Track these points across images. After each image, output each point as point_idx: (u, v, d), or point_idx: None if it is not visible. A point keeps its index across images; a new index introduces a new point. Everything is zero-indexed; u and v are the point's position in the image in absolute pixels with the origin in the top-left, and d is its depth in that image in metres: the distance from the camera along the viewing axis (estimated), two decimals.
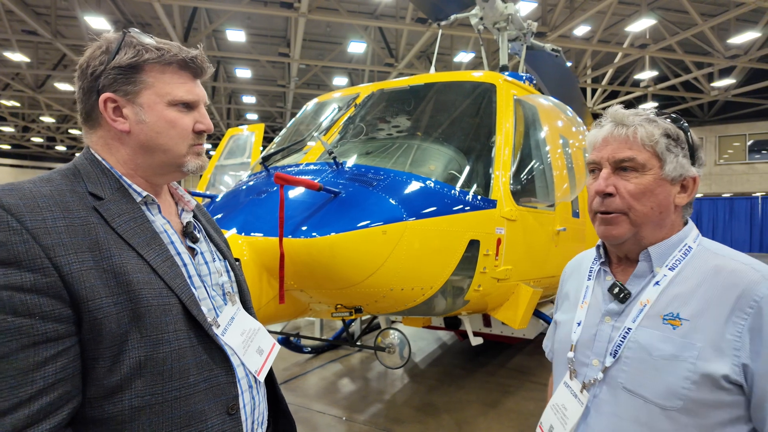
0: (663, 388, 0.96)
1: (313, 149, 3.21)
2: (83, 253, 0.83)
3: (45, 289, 0.78)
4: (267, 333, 1.17)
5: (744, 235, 19.89)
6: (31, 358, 0.76)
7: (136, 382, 0.85)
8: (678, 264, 1.05)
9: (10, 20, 13.55)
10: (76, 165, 0.97)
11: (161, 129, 0.98)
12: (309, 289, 2.55)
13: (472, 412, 4.13)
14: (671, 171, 1.05)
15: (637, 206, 1.05)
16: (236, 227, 2.49)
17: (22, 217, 0.79)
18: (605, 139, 1.09)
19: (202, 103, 1.05)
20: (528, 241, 3.39)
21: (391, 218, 2.51)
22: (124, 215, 0.93)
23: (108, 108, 0.96)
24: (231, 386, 1.00)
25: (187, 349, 0.92)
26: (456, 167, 3.17)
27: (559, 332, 1.25)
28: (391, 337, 4.01)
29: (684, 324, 0.98)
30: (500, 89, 3.51)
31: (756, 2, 10.95)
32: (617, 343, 1.05)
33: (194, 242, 1.07)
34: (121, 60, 0.95)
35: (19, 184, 0.86)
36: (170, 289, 0.92)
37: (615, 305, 1.10)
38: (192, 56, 1.01)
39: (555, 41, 12.77)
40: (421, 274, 2.69)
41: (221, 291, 1.09)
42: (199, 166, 1.06)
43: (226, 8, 12.04)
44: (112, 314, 0.83)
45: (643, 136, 1.04)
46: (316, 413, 4.11)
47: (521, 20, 5.29)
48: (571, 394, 1.12)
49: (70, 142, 32.24)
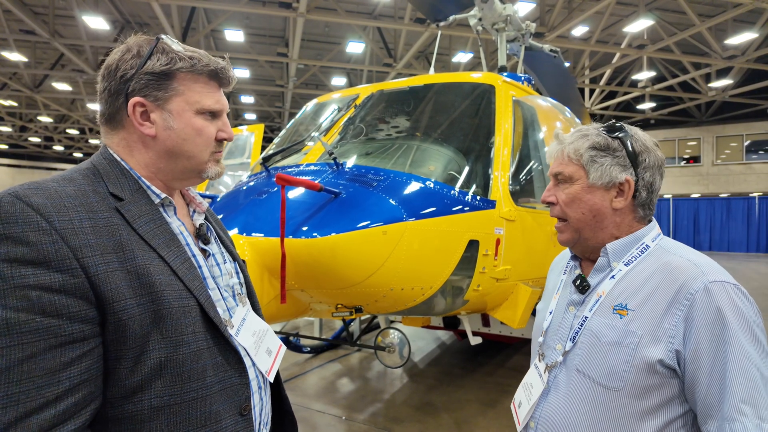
0: (606, 370, 1.08)
1: (314, 150, 3.23)
2: (108, 254, 0.84)
3: (73, 290, 0.79)
4: (274, 334, 1.18)
5: (741, 235, 19.95)
6: (58, 359, 0.76)
7: (156, 382, 0.86)
8: (634, 260, 1.16)
9: (7, 20, 13.53)
10: (95, 164, 0.96)
11: (188, 136, 0.99)
12: (310, 288, 2.57)
13: (471, 412, 4.15)
14: (597, 179, 1.17)
15: (569, 212, 1.20)
16: (237, 227, 2.50)
17: (51, 218, 0.80)
18: (551, 155, 1.27)
19: (226, 112, 1.07)
20: (527, 241, 3.41)
21: (392, 218, 2.52)
22: (144, 216, 0.94)
23: (136, 112, 0.96)
24: (244, 387, 1.01)
25: (204, 350, 0.93)
26: (455, 168, 3.19)
27: (536, 320, 1.40)
28: (391, 337, 4.02)
29: (629, 314, 1.09)
30: (499, 90, 3.53)
31: (753, 3, 11.00)
32: (575, 329, 1.18)
33: (206, 244, 1.08)
34: (154, 66, 0.95)
35: (43, 184, 0.85)
36: (189, 291, 0.93)
37: (577, 296, 1.23)
38: (221, 67, 1.02)
39: (553, 41, 12.81)
40: (421, 274, 2.70)
41: (232, 292, 1.10)
42: (217, 173, 1.08)
43: (225, 8, 12.04)
44: (136, 315, 0.84)
45: (570, 152, 1.20)
46: (316, 413, 4.13)
47: (520, 21, 5.31)
48: (537, 375, 1.25)
49: (68, 142, 32.18)
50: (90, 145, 33.51)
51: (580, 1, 12.87)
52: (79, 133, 29.69)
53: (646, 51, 14.23)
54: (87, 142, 32.48)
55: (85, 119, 25.03)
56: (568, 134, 1.25)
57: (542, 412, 1.20)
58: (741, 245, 19.92)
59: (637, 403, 1.05)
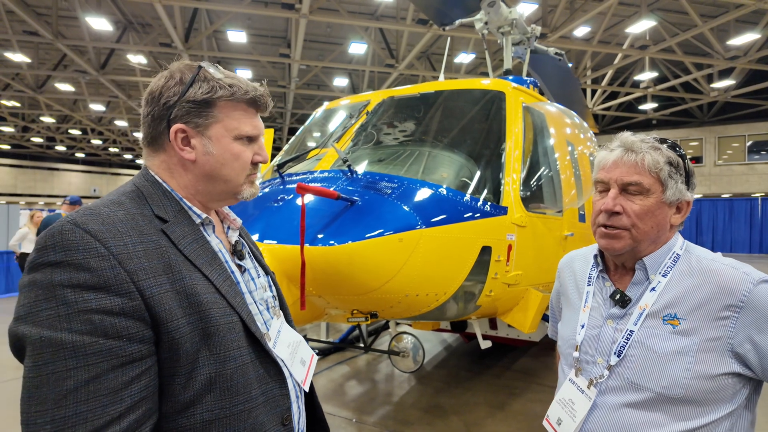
0: (667, 380, 1.10)
1: (327, 156, 3.26)
2: (160, 276, 0.88)
3: (131, 312, 0.83)
4: (306, 344, 1.22)
5: (743, 235, 19.93)
6: (120, 378, 0.80)
7: (206, 397, 0.90)
8: (669, 270, 1.19)
9: (10, 21, 13.55)
10: (138, 187, 1.00)
11: (226, 161, 1.03)
12: (327, 295, 2.60)
13: (480, 414, 4.18)
14: (671, 195, 1.18)
15: (640, 225, 1.17)
16: (257, 235, 2.53)
17: (108, 243, 0.84)
18: (615, 162, 1.20)
19: (262, 135, 1.11)
20: (537, 247, 3.44)
21: (407, 226, 2.55)
22: (187, 237, 0.97)
23: (178, 138, 1.00)
24: (285, 398, 1.05)
25: (248, 364, 0.97)
26: (467, 174, 3.22)
27: (563, 332, 1.39)
28: (405, 342, 4.05)
29: (682, 323, 1.12)
30: (509, 97, 3.56)
31: (756, 4, 11.02)
32: (621, 344, 1.17)
33: (241, 259, 1.12)
34: (196, 94, 0.99)
35: (96, 209, 0.89)
36: (232, 308, 0.96)
37: (617, 310, 1.22)
38: (260, 94, 1.06)
39: (555, 42, 12.84)
40: (435, 280, 2.74)
41: (266, 305, 1.14)
42: (252, 194, 1.11)
43: (227, 9, 12.05)
44: (187, 334, 0.88)
45: (650, 163, 1.16)
46: (327, 415, 4.14)
47: (525, 25, 5.34)
48: (578, 390, 1.24)
49: (70, 142, 32.19)
50: (92, 145, 33.54)
51: (582, 1, 12.89)
52: (81, 133, 29.70)
53: (648, 51, 14.25)
54: (89, 143, 32.49)
55: (87, 119, 25.05)
56: (634, 141, 1.20)
57: (591, 425, 1.20)
58: (743, 246, 19.92)
59: (696, 406, 1.09)
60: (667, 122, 23.36)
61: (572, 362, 1.29)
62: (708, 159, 22.17)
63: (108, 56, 16.11)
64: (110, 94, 20.58)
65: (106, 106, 22.33)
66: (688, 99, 19.97)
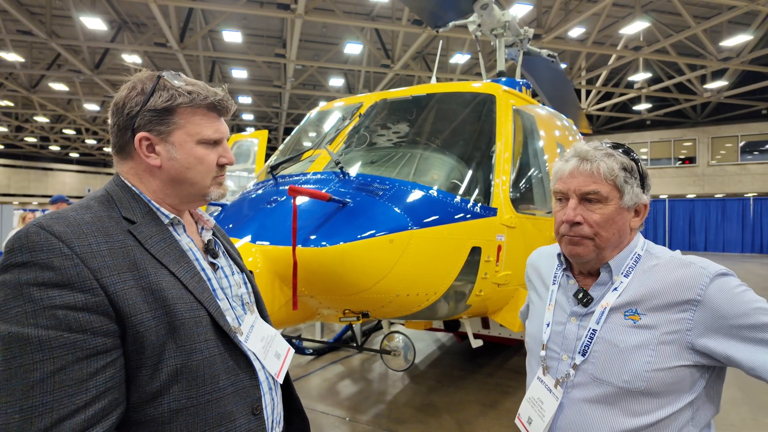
0: (628, 374, 1.13)
1: (320, 158, 3.30)
2: (124, 273, 0.93)
3: (95, 307, 0.88)
4: (282, 338, 1.27)
5: (736, 235, 20.10)
6: (85, 369, 0.85)
7: (173, 387, 0.95)
8: (631, 270, 1.23)
9: (4, 20, 13.52)
10: (109, 192, 1.06)
11: (190, 165, 1.09)
12: (319, 295, 2.64)
13: (472, 412, 4.23)
14: (629, 200, 1.21)
15: (602, 233, 1.21)
16: (250, 236, 2.57)
17: (71, 244, 0.89)
18: (571, 172, 1.23)
19: (226, 138, 1.16)
20: (527, 247, 3.49)
21: (398, 227, 2.60)
22: (155, 236, 1.03)
23: (142, 145, 1.06)
24: (255, 389, 1.10)
25: (216, 356, 1.02)
26: (458, 176, 3.27)
27: (530, 328, 1.42)
28: (396, 341, 4.10)
29: (642, 318, 1.15)
30: (500, 99, 3.61)
31: (748, 5, 11.12)
32: (585, 343, 1.20)
33: (215, 258, 1.17)
34: (156, 103, 1.04)
35: (63, 213, 0.95)
36: (199, 303, 1.02)
37: (579, 308, 1.26)
38: (219, 98, 1.11)
39: (550, 43, 12.91)
40: (426, 281, 2.78)
41: (240, 301, 1.20)
42: (220, 195, 1.17)
43: (223, 9, 12.06)
44: (152, 327, 0.93)
45: (605, 171, 1.19)
46: (320, 414, 4.20)
47: (518, 27, 5.40)
48: (546, 389, 1.27)
49: (64, 142, 32.06)
50: (86, 145, 33.41)
51: (576, 2, 12.98)
52: (76, 133, 29.58)
53: (642, 53, 14.35)
54: (83, 142, 32.37)
55: (82, 119, 24.95)
56: (588, 150, 1.23)
57: (559, 423, 1.22)
58: (736, 246, 20.09)
59: (657, 398, 1.12)
60: (661, 123, 23.51)
61: (539, 360, 1.32)
62: (701, 159, 22.33)
63: (102, 56, 16.07)
64: (105, 94, 20.52)
65: (101, 105, 22.26)
66: (682, 100, 20.11)
